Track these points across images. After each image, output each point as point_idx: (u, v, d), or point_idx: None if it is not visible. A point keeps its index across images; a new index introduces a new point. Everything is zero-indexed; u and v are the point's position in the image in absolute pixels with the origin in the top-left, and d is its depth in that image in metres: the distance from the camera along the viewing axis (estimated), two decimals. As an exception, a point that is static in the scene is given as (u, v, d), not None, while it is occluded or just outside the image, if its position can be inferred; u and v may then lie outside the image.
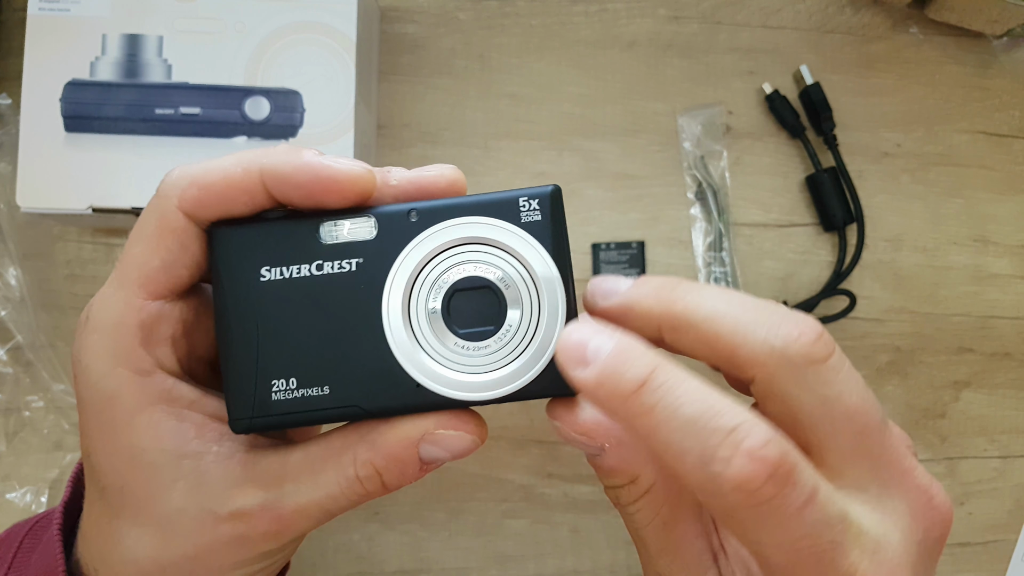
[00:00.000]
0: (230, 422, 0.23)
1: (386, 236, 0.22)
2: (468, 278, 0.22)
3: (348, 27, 0.41)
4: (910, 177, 0.49)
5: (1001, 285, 0.49)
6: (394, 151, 0.48)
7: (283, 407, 0.23)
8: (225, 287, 0.23)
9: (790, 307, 0.46)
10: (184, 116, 0.40)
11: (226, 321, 0.23)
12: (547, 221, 0.22)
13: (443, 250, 0.22)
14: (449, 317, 0.22)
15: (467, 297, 0.22)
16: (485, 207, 0.22)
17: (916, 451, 0.25)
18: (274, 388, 0.23)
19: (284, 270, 0.23)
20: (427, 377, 0.22)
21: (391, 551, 0.47)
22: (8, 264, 0.45)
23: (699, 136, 0.48)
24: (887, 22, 0.50)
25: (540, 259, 0.22)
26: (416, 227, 0.22)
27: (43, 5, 0.40)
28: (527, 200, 0.22)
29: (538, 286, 0.22)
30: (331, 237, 0.23)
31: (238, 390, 0.23)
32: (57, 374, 0.45)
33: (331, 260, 0.22)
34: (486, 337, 0.22)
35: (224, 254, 0.23)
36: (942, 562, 0.48)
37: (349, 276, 0.22)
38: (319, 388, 0.23)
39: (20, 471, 0.46)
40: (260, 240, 0.23)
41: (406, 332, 0.22)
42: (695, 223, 0.48)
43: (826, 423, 0.22)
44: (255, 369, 0.23)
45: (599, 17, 0.49)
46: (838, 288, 0.47)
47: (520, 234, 0.22)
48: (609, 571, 0.47)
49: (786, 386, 0.22)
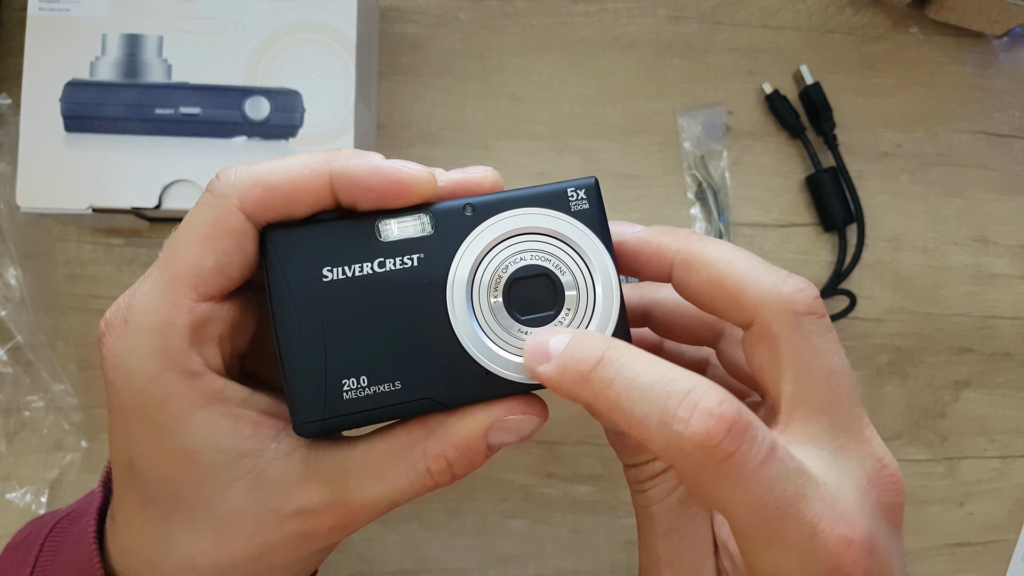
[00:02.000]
0: (296, 427, 0.24)
1: (444, 231, 0.23)
2: (526, 266, 0.24)
3: (348, 27, 0.41)
4: (910, 177, 0.49)
5: (1001, 285, 0.49)
6: (394, 151, 0.48)
7: (355, 405, 0.23)
8: (287, 289, 0.23)
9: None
10: (184, 116, 0.40)
11: (289, 324, 0.23)
12: (594, 209, 0.24)
13: (500, 241, 0.24)
14: (511, 305, 0.23)
15: (526, 285, 0.24)
16: (536, 199, 0.24)
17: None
18: (345, 388, 0.23)
19: (346, 269, 0.23)
20: (496, 364, 0.23)
21: (391, 551, 0.47)
22: (8, 264, 0.45)
23: (699, 136, 0.48)
24: (887, 22, 0.50)
25: (591, 243, 0.24)
26: (472, 221, 0.24)
27: (43, 5, 0.40)
28: (575, 191, 0.24)
29: (591, 269, 0.24)
30: (390, 234, 0.23)
31: (305, 393, 0.23)
32: (57, 374, 0.45)
33: (392, 257, 0.23)
34: (548, 322, 0.24)
35: (285, 256, 0.23)
36: (942, 562, 0.48)
37: (411, 271, 0.23)
38: (390, 384, 0.23)
39: (20, 471, 0.46)
40: (320, 241, 0.23)
41: (472, 322, 0.23)
42: (695, 223, 0.48)
43: (808, 373, 0.24)
44: (324, 370, 0.23)
45: (599, 17, 0.49)
46: (838, 288, 0.47)
47: (572, 222, 0.24)
48: (609, 571, 0.47)
49: (785, 329, 0.23)
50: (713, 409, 0.20)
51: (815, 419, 0.24)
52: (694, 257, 0.25)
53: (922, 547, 0.48)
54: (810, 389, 0.23)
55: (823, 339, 0.24)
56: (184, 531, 0.24)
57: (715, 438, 0.20)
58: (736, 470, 0.20)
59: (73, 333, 0.46)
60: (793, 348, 0.24)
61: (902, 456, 0.48)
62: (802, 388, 0.24)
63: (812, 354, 0.23)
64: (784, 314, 0.23)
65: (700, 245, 0.25)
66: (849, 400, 0.24)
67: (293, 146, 0.41)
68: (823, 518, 0.21)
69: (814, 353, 0.23)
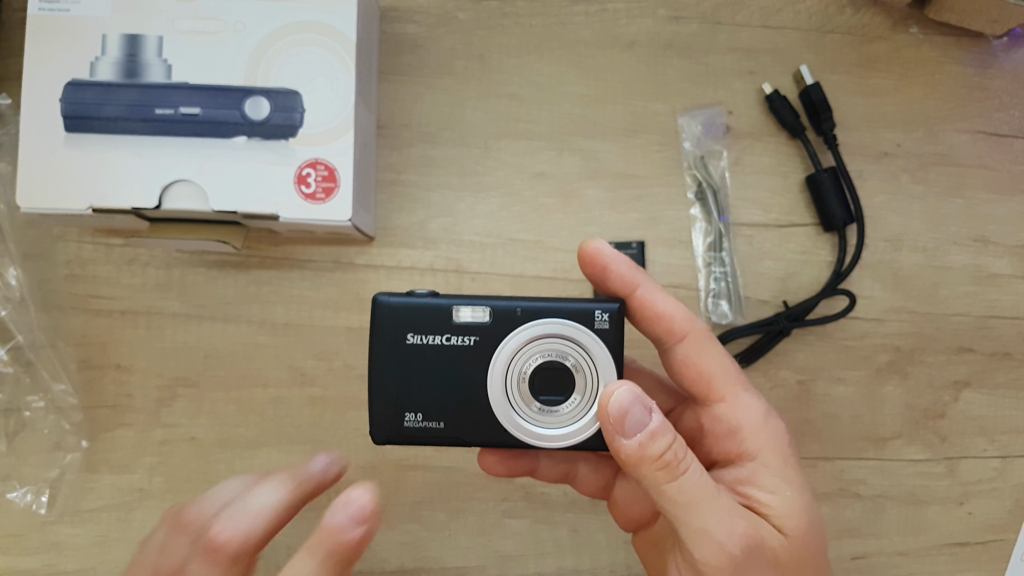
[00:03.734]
0: (372, 434, 0.31)
1: (498, 323, 0.31)
2: (551, 361, 0.31)
3: (348, 27, 0.41)
4: (910, 177, 0.49)
5: (1001, 285, 0.49)
6: (394, 151, 0.48)
7: (411, 432, 0.31)
8: (381, 343, 0.31)
9: (790, 307, 0.46)
10: (184, 116, 0.40)
11: (377, 367, 0.31)
12: (613, 330, 0.30)
13: (535, 339, 0.31)
14: (533, 386, 0.31)
15: (548, 373, 0.30)
16: (570, 313, 0.30)
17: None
18: (407, 418, 0.31)
19: (424, 337, 0.31)
20: (514, 428, 0.31)
21: (391, 550, 0.47)
22: (8, 264, 0.45)
23: (699, 136, 0.48)
24: (887, 22, 0.50)
25: (604, 357, 0.30)
26: (519, 320, 0.31)
27: (43, 5, 0.40)
28: (600, 312, 0.30)
29: (599, 374, 0.30)
30: (461, 318, 0.31)
31: (382, 415, 0.31)
32: (57, 374, 0.45)
33: (457, 335, 0.31)
34: (558, 404, 0.31)
35: (383, 319, 0.31)
36: (941, 562, 0.48)
37: (467, 349, 0.31)
38: (437, 423, 0.31)
39: (20, 471, 0.46)
40: (410, 313, 0.31)
41: (502, 394, 0.31)
42: (695, 223, 0.48)
43: (719, 367, 0.31)
44: (395, 403, 0.31)
45: (599, 17, 0.49)
46: (838, 288, 0.47)
47: (593, 337, 0.30)
48: (609, 570, 0.47)
49: (703, 344, 0.31)
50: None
51: (734, 389, 0.31)
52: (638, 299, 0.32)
53: (921, 547, 0.48)
54: (724, 374, 0.32)
55: (719, 348, 0.32)
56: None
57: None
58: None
59: (73, 333, 0.46)
60: (710, 355, 0.31)
61: (902, 456, 0.48)
62: (718, 374, 0.32)
63: (719, 356, 0.31)
64: (700, 334, 0.31)
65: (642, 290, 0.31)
66: (744, 379, 0.32)
67: (293, 146, 0.41)
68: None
69: (721, 354, 0.31)
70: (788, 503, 0.29)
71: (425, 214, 0.48)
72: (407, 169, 0.48)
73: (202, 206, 0.41)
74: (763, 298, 0.48)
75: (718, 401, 0.31)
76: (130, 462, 0.46)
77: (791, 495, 0.29)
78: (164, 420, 0.47)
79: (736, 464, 0.30)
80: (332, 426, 0.47)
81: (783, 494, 0.29)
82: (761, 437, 0.30)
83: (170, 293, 0.47)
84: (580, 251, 0.31)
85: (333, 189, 0.41)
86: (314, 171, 0.41)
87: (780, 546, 0.28)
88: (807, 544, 0.29)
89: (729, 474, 0.30)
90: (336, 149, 0.41)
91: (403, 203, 0.48)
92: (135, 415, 0.47)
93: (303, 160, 0.41)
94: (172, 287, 0.47)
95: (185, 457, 0.47)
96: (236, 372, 0.47)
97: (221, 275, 0.47)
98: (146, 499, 0.46)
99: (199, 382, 0.47)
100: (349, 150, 0.41)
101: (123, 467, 0.46)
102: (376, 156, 0.48)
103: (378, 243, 0.47)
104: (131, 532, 0.46)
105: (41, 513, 0.46)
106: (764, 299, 0.48)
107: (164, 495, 0.46)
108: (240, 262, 0.47)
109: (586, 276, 0.32)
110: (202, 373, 0.47)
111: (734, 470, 0.30)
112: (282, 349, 0.47)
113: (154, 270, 0.47)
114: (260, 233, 0.47)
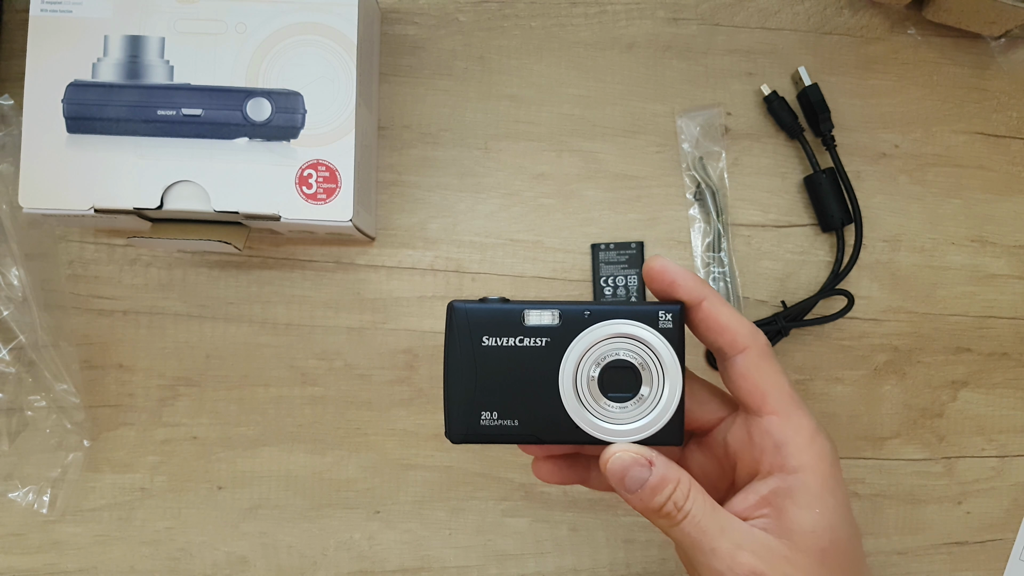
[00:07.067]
0: (448, 433, 0.32)
1: (567, 325, 0.32)
2: (618, 359, 0.32)
3: (349, 29, 0.41)
4: (908, 178, 0.49)
5: (999, 285, 0.49)
6: (395, 152, 0.48)
7: (486, 430, 0.32)
8: (457, 346, 0.32)
9: (788, 307, 0.46)
10: (186, 117, 0.41)
11: (454, 368, 0.32)
12: (676, 329, 0.32)
13: (603, 339, 0.32)
14: (603, 384, 0.32)
15: (616, 372, 0.32)
16: (634, 314, 0.32)
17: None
18: (483, 416, 0.32)
19: (498, 339, 0.32)
20: (585, 424, 0.32)
21: (392, 549, 0.47)
22: (11, 264, 0.45)
23: (698, 137, 0.48)
24: (885, 23, 0.50)
25: (669, 355, 0.32)
26: (588, 322, 0.32)
27: (45, 6, 0.41)
28: (664, 313, 0.32)
29: (664, 372, 0.32)
30: (532, 321, 0.32)
31: (457, 415, 0.32)
32: (59, 374, 0.46)
33: (529, 337, 0.32)
34: (626, 400, 0.32)
35: (459, 323, 0.32)
36: (939, 561, 0.48)
37: (539, 349, 0.32)
38: (512, 420, 0.32)
39: (23, 470, 0.46)
40: (484, 317, 0.32)
41: (573, 392, 0.32)
42: (694, 224, 0.48)
43: (774, 384, 0.33)
44: (472, 402, 0.32)
45: (598, 19, 0.49)
46: (836, 288, 0.47)
47: (657, 336, 0.32)
48: (609, 569, 0.47)
49: (762, 360, 0.33)
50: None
51: (787, 404, 0.33)
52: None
53: (919, 546, 0.48)
54: (778, 390, 0.33)
55: (777, 366, 0.33)
56: None
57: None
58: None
59: (75, 333, 0.47)
60: (769, 370, 0.33)
61: (900, 455, 0.48)
62: (773, 388, 0.33)
63: (777, 373, 0.33)
64: (761, 348, 0.33)
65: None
66: (795, 394, 0.34)
67: (295, 147, 0.41)
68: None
69: (779, 372, 0.33)
70: (816, 520, 0.31)
71: (425, 214, 0.48)
72: (408, 170, 0.48)
73: (204, 206, 0.41)
74: (761, 298, 0.48)
75: (769, 415, 0.32)
76: (132, 461, 0.47)
77: (820, 512, 0.31)
78: (166, 419, 0.47)
79: (777, 476, 0.32)
80: (333, 426, 0.47)
81: (813, 511, 0.31)
82: (806, 455, 0.31)
83: (172, 293, 0.47)
84: (646, 268, 0.33)
85: (334, 190, 0.41)
86: (315, 172, 0.41)
87: (793, 569, 0.30)
88: (825, 561, 0.30)
89: (767, 485, 0.32)
90: (337, 150, 0.41)
91: (404, 204, 0.48)
92: (137, 414, 0.47)
93: (304, 161, 0.41)
94: (174, 287, 0.47)
95: (187, 456, 0.47)
96: (237, 372, 0.47)
97: (223, 275, 0.47)
98: (148, 498, 0.47)
99: (200, 382, 0.47)
100: (350, 151, 0.41)
101: (125, 466, 0.47)
102: (377, 157, 0.48)
103: (379, 243, 0.48)
104: (133, 531, 0.46)
105: (43, 512, 0.46)
106: (762, 299, 0.48)
107: (166, 494, 0.47)
108: (241, 262, 0.47)
109: (652, 291, 0.33)
110: (203, 373, 0.47)
111: (773, 481, 0.32)
112: (283, 349, 0.47)
113: (156, 270, 0.47)
114: (261, 233, 0.47)
